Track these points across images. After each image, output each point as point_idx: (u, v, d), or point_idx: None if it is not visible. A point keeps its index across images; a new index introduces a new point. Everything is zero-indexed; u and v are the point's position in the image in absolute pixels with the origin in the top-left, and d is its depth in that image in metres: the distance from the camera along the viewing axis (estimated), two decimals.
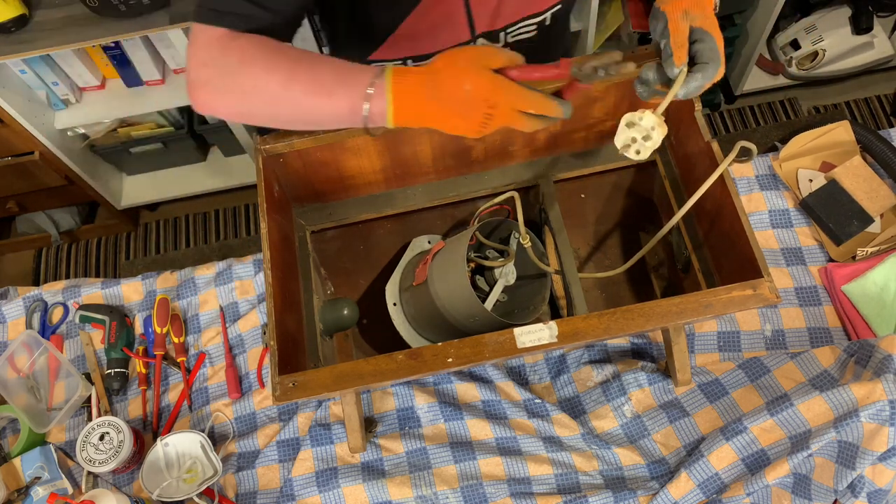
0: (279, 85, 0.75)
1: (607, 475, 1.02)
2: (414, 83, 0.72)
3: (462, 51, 0.72)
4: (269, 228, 0.92)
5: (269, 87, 0.75)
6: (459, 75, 0.71)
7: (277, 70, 0.75)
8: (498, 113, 0.71)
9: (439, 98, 0.71)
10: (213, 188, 2.30)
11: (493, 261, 1.07)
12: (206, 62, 0.76)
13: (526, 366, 1.13)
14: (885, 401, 0.90)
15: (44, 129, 1.86)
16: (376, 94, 0.72)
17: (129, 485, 1.10)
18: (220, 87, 0.76)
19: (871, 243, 1.14)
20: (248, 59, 0.75)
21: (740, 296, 0.83)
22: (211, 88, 0.76)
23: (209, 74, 0.76)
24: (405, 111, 0.73)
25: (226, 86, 0.76)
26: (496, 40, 0.98)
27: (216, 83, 0.76)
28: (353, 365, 0.83)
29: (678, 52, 0.72)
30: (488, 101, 0.70)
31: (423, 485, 1.01)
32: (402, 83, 0.72)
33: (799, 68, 2.21)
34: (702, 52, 0.72)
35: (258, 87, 0.75)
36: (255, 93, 0.76)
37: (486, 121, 0.72)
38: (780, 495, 0.95)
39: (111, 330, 1.17)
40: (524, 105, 0.71)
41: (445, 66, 0.72)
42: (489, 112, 0.71)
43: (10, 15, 1.53)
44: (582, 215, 1.24)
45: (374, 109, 0.73)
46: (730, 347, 1.10)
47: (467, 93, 0.70)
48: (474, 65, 0.71)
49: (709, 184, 0.89)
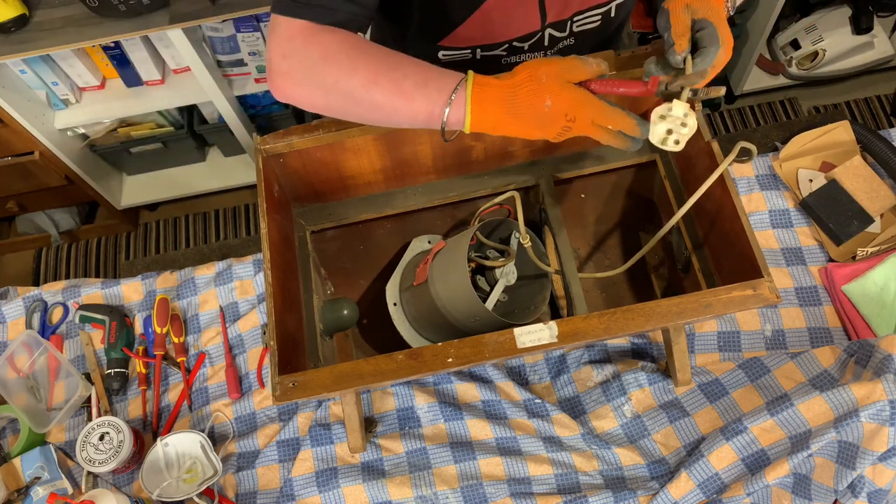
0: (361, 85, 0.76)
1: (607, 475, 1.02)
2: (495, 97, 0.73)
3: (544, 64, 0.73)
4: (269, 228, 0.92)
5: (351, 85, 0.77)
6: (541, 91, 0.72)
7: (360, 69, 0.76)
8: (577, 126, 0.73)
9: (518, 114, 0.73)
10: (213, 188, 2.30)
11: (494, 260, 1.07)
12: (287, 54, 0.78)
13: (526, 366, 1.13)
14: (885, 401, 0.90)
15: (44, 129, 1.87)
16: (456, 103, 0.74)
17: (129, 485, 1.10)
18: (301, 80, 0.78)
19: (871, 243, 1.14)
20: (330, 56, 0.77)
21: (740, 296, 0.83)
22: (293, 80, 0.79)
23: (291, 66, 0.78)
24: (483, 124, 0.75)
25: (308, 79, 0.78)
26: (563, 29, 0.98)
27: (298, 76, 0.78)
28: (352, 365, 0.83)
29: (679, 41, 0.74)
30: (568, 115, 0.72)
31: (423, 485, 1.01)
32: (482, 95, 0.74)
33: (799, 68, 2.21)
34: (701, 38, 0.74)
35: (339, 85, 0.77)
36: (336, 90, 0.77)
37: (565, 132, 0.74)
38: (780, 495, 0.95)
39: (111, 330, 1.17)
40: (604, 120, 0.73)
41: (527, 80, 0.73)
42: (568, 125, 0.73)
43: (10, 15, 1.53)
44: (582, 215, 1.23)
45: (453, 118, 0.75)
46: (730, 347, 1.10)
47: (548, 108, 0.72)
48: (556, 79, 0.72)
49: (708, 184, 0.89)
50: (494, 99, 0.73)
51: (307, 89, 0.79)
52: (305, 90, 0.79)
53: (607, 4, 0.97)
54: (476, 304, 0.95)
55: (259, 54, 1.84)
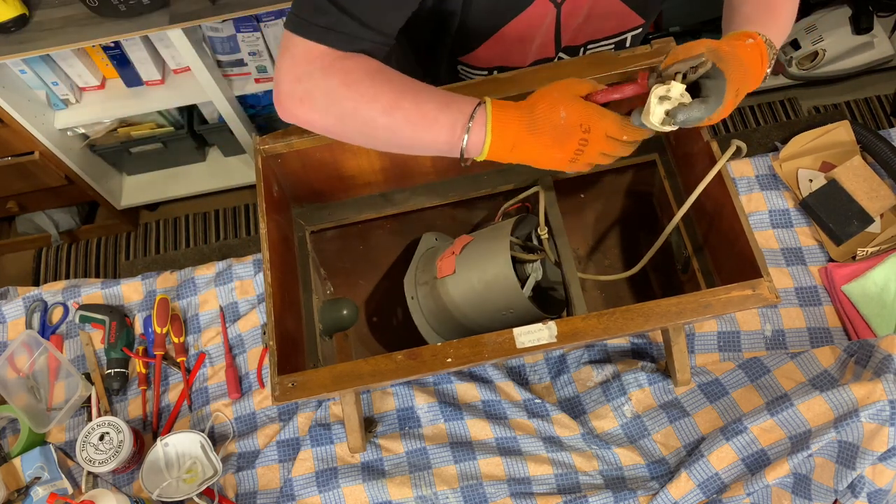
0: (381, 113, 0.76)
1: (607, 475, 1.02)
2: (513, 117, 0.74)
3: (552, 84, 0.75)
4: (268, 228, 0.92)
5: (371, 114, 0.76)
6: (555, 104, 0.73)
7: (380, 98, 0.76)
8: (592, 138, 0.73)
9: (536, 130, 0.74)
10: (212, 188, 2.30)
11: (528, 254, 1.08)
12: (302, 78, 0.76)
13: (526, 366, 1.13)
14: (885, 401, 0.90)
15: (44, 129, 1.86)
16: (476, 125, 0.75)
17: (129, 485, 1.10)
18: (319, 107, 0.77)
19: (871, 243, 1.14)
20: (351, 83, 0.76)
21: (740, 296, 0.83)
22: (309, 106, 0.77)
23: (307, 91, 0.77)
24: (502, 143, 0.75)
25: (326, 107, 0.77)
26: (575, 54, 1.00)
27: (316, 102, 0.77)
28: (352, 365, 0.83)
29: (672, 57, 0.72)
30: (583, 125, 0.73)
31: (423, 485, 1.01)
32: (501, 115, 0.75)
33: (799, 68, 2.21)
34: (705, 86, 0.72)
35: (358, 113, 0.76)
36: (355, 118, 0.77)
37: (581, 148, 0.74)
38: (780, 495, 0.95)
39: (111, 330, 1.17)
40: (615, 130, 0.73)
41: (540, 99, 0.74)
42: (584, 138, 0.73)
43: (10, 15, 1.53)
44: (582, 215, 1.23)
45: (473, 140, 0.75)
46: (730, 347, 1.10)
47: (563, 119, 0.73)
48: (566, 94, 0.73)
49: (705, 184, 0.90)
50: (513, 117, 0.74)
51: (322, 115, 0.78)
52: (320, 116, 0.78)
53: (622, 35, 0.98)
54: (515, 293, 0.95)
55: (259, 54, 1.84)
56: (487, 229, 1.05)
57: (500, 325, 0.93)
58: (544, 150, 0.75)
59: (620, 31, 0.97)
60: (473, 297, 1.00)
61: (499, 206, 1.13)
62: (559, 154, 0.75)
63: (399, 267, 1.22)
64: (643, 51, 0.95)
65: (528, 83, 0.93)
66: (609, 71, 0.93)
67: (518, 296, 0.95)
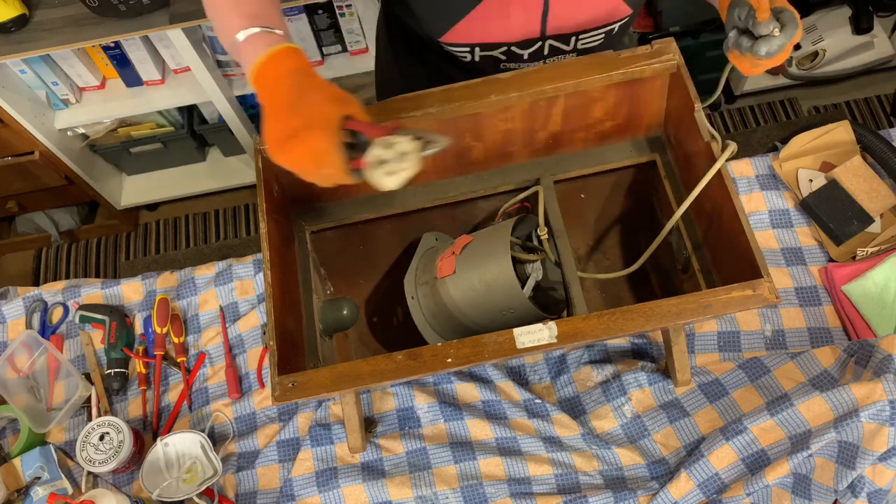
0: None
1: (607, 475, 1.02)
2: (285, 73, 0.74)
3: (339, 90, 0.76)
4: (268, 228, 0.92)
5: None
6: (317, 99, 0.73)
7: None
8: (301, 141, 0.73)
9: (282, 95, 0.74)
10: (212, 188, 2.30)
11: (528, 254, 1.07)
12: None
13: (526, 366, 1.13)
14: (885, 401, 0.90)
15: (44, 129, 1.87)
16: (257, 48, 0.75)
17: (129, 485, 1.10)
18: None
19: (872, 243, 1.14)
20: None
21: (740, 296, 0.83)
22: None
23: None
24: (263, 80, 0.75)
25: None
26: (567, 43, 1.00)
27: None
28: (352, 365, 0.83)
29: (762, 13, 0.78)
30: (309, 125, 0.73)
31: (423, 485, 1.01)
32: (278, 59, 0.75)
33: (799, 68, 2.21)
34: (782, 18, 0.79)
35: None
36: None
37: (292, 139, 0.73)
38: (781, 495, 0.95)
39: (111, 330, 1.17)
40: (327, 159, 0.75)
41: (318, 86, 0.75)
42: (300, 134, 0.73)
43: (10, 15, 1.54)
44: (582, 215, 1.23)
45: (247, 53, 0.76)
46: (730, 347, 1.10)
47: (306, 107, 0.73)
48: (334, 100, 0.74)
49: (703, 184, 0.90)
50: (285, 74, 0.74)
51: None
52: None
53: (612, 24, 0.97)
54: (516, 293, 0.95)
55: None
56: (487, 229, 1.05)
57: (500, 326, 0.93)
58: (271, 118, 0.74)
59: (609, 22, 0.97)
60: (474, 297, 1.00)
61: (499, 206, 1.13)
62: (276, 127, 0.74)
63: (399, 267, 1.22)
64: (643, 51, 0.95)
65: (529, 83, 0.93)
66: (609, 71, 0.93)
67: (518, 296, 0.96)
